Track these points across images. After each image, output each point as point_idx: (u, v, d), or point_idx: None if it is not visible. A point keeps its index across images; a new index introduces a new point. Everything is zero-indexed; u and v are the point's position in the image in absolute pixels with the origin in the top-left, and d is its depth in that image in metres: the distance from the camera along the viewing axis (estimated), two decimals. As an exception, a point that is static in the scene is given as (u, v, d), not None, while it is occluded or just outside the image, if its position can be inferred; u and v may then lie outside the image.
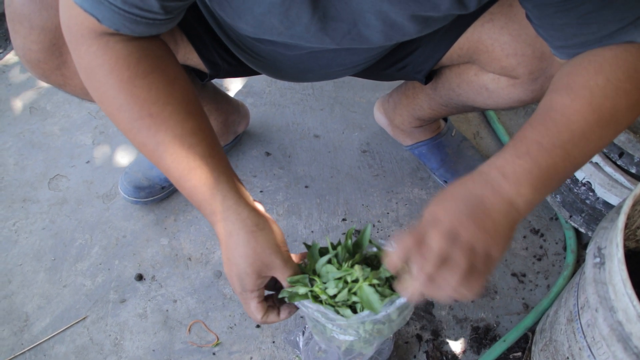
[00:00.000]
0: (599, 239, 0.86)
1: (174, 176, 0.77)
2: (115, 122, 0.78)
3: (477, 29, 1.01)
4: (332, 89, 1.74)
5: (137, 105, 0.74)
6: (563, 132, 0.69)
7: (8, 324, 1.28)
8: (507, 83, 1.06)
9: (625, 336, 0.76)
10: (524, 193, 0.69)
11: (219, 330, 1.26)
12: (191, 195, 0.78)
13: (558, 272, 1.34)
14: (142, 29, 0.74)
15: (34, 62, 0.97)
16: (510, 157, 0.70)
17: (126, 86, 0.74)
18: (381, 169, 1.54)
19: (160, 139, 0.75)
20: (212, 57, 1.12)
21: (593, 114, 0.69)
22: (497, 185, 0.69)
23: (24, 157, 1.59)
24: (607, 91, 0.70)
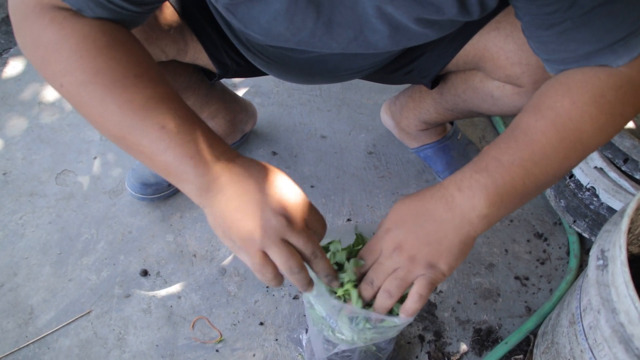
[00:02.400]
0: (603, 242, 0.87)
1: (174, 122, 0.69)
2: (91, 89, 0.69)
3: (483, 37, 1.02)
4: (340, 90, 1.75)
5: (120, 67, 0.69)
6: (524, 151, 0.71)
7: (13, 316, 1.29)
8: (512, 91, 1.07)
9: (627, 338, 0.76)
10: (477, 207, 0.71)
11: (222, 327, 1.26)
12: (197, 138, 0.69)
13: (561, 276, 1.35)
14: (105, 14, 0.71)
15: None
16: (468, 172, 0.73)
17: (105, 50, 0.69)
18: (387, 170, 1.55)
19: (150, 94, 0.69)
20: (221, 58, 1.13)
21: (556, 135, 0.71)
22: (450, 200, 0.73)
23: (32, 152, 1.60)
24: (572, 113, 0.71)
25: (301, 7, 0.74)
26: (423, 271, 0.74)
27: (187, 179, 0.69)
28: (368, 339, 0.85)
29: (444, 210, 0.73)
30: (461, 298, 1.30)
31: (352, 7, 0.75)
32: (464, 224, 0.72)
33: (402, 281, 0.75)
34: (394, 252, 0.75)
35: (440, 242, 0.73)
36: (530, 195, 0.74)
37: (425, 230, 0.74)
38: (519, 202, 0.74)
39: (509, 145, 0.72)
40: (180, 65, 1.16)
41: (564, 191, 1.39)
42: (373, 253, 0.78)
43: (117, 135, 0.70)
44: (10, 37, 1.95)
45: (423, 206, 0.75)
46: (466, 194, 0.72)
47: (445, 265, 0.74)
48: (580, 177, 1.32)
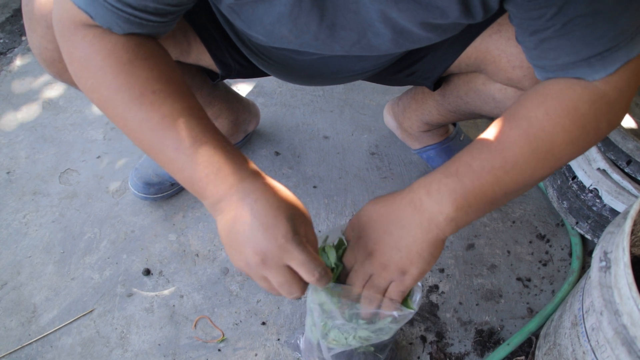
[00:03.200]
0: (605, 244, 0.87)
1: (185, 143, 0.70)
2: (112, 106, 0.73)
3: (485, 39, 1.03)
4: (342, 91, 1.76)
5: (139, 84, 0.71)
6: (495, 158, 0.72)
7: (16, 314, 1.29)
8: (514, 94, 1.08)
9: (629, 340, 0.76)
10: (445, 211, 0.72)
11: (224, 326, 1.27)
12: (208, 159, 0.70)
13: (563, 277, 1.35)
14: (135, 29, 0.73)
15: (50, 60, 0.99)
16: (438, 176, 0.73)
17: (126, 67, 0.71)
18: (389, 171, 1.55)
19: (166, 112, 0.71)
20: (224, 58, 1.13)
21: (529, 145, 0.72)
22: (419, 204, 0.74)
23: (35, 151, 1.61)
24: (545, 124, 0.72)
25: (305, 10, 0.74)
26: (395, 278, 0.77)
27: (201, 196, 0.73)
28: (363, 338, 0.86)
29: (412, 214, 0.74)
30: (463, 299, 1.30)
31: (355, 11, 0.75)
32: (432, 227, 0.73)
33: (378, 288, 0.79)
34: (366, 260, 0.78)
35: (409, 248, 0.75)
36: (499, 202, 0.75)
37: (394, 237, 0.75)
38: (488, 208, 0.75)
39: (481, 151, 0.73)
40: (184, 66, 1.16)
41: (567, 192, 1.39)
42: (349, 260, 0.81)
43: (144, 150, 0.75)
44: (14, 36, 1.95)
45: (392, 212, 0.76)
46: (434, 197, 0.73)
47: (416, 270, 0.76)
48: (583, 179, 1.32)
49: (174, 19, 0.78)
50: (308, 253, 0.70)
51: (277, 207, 0.69)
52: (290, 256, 0.69)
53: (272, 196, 0.70)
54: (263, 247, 0.68)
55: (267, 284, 0.73)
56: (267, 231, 0.68)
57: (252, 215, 0.68)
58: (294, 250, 0.69)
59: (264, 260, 0.68)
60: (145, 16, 0.72)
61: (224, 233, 0.71)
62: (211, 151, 0.71)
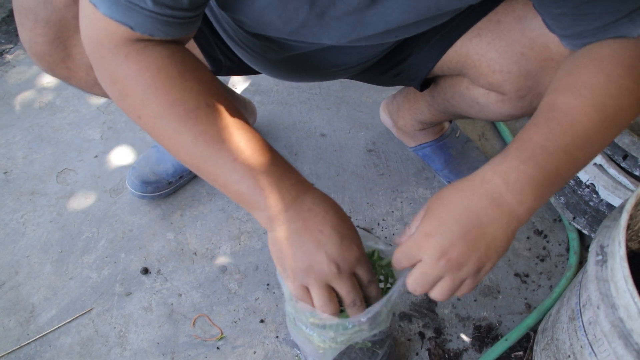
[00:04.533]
0: (602, 237, 0.87)
1: (245, 154, 0.70)
2: (162, 122, 0.72)
3: (465, 44, 1.02)
4: (339, 89, 1.76)
5: (193, 97, 0.71)
6: (568, 134, 0.68)
7: (14, 314, 1.29)
8: (496, 99, 1.07)
9: (626, 333, 0.77)
10: (525, 201, 0.68)
11: (223, 324, 1.27)
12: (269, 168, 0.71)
13: (561, 273, 1.35)
14: (175, 31, 0.73)
15: (40, 54, 0.98)
16: (514, 162, 0.68)
17: (177, 82, 0.71)
18: (387, 168, 1.55)
19: (222, 125, 0.70)
20: (214, 53, 1.13)
21: (598, 114, 0.68)
22: (497, 196, 0.68)
23: (32, 151, 1.61)
24: (610, 89, 0.69)
25: None
26: (470, 277, 0.72)
27: (258, 208, 0.72)
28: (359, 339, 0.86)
29: (491, 209, 0.68)
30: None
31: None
32: (512, 221, 0.69)
33: (450, 291, 0.72)
34: (439, 261, 0.69)
35: (489, 246, 0.70)
36: (569, 179, 0.72)
37: (472, 235, 0.69)
38: (558, 188, 0.72)
39: (551, 128, 0.68)
40: None
41: (564, 188, 1.39)
42: (411, 260, 0.72)
43: (193, 164, 0.73)
44: (10, 36, 1.95)
45: (467, 207, 0.69)
46: (514, 188, 0.67)
47: (491, 264, 0.72)
48: (579, 174, 1.32)
49: (202, 12, 0.78)
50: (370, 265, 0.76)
51: (346, 218, 0.74)
52: (361, 267, 0.74)
53: (338, 208, 0.75)
54: (341, 255, 0.71)
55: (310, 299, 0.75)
56: (345, 241, 0.72)
57: (327, 225, 0.71)
58: (364, 262, 0.74)
59: (339, 268, 0.71)
60: (182, 14, 0.71)
61: (286, 242, 0.72)
62: (271, 162, 0.72)
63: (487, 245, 0.69)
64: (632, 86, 0.69)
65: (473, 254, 0.69)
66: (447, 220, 0.69)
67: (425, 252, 0.70)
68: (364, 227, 1.41)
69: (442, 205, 0.71)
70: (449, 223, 0.69)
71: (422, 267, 0.71)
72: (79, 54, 0.98)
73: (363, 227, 1.41)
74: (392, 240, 0.81)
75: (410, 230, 0.75)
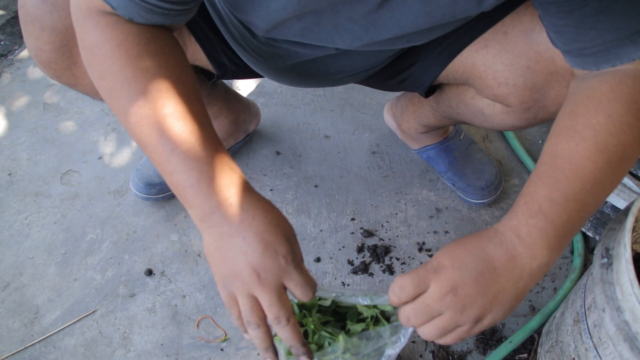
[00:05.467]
0: (607, 240, 0.87)
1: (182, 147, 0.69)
2: (116, 97, 0.72)
3: (472, 54, 1.02)
4: (343, 91, 1.76)
5: (145, 80, 0.70)
6: (574, 182, 0.67)
7: (19, 315, 1.30)
8: (502, 110, 1.07)
9: (631, 336, 0.76)
10: (538, 256, 0.66)
11: (227, 326, 1.27)
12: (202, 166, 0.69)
13: (565, 275, 1.35)
14: (157, 19, 0.73)
15: (46, 62, 0.99)
16: (523, 218, 0.67)
17: (135, 60, 0.70)
18: (390, 170, 1.55)
19: (168, 112, 0.69)
20: (219, 58, 1.13)
21: (601, 156, 0.67)
22: (511, 248, 0.66)
23: (36, 152, 1.61)
24: (611, 128, 0.67)
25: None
26: (467, 324, 0.68)
27: (188, 205, 0.71)
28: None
29: (505, 257, 0.66)
30: (465, 297, 1.30)
31: None
32: (524, 276, 0.67)
33: (443, 331, 0.69)
34: (446, 296, 0.66)
35: (497, 296, 0.67)
36: (582, 226, 0.70)
37: (484, 279, 0.66)
38: (574, 234, 0.70)
39: (556, 179, 0.67)
40: None
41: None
42: (416, 290, 0.68)
43: (139, 145, 0.72)
44: (15, 38, 1.96)
45: (482, 249, 0.67)
46: (526, 242, 0.66)
47: (489, 321, 0.69)
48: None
49: (196, 6, 0.77)
50: (305, 274, 0.69)
51: (276, 225, 0.69)
52: (288, 276, 0.68)
53: (269, 214, 0.69)
54: (262, 264, 0.66)
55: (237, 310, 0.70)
56: (268, 249, 0.67)
57: (251, 231, 0.67)
58: (293, 271, 0.68)
59: (260, 277, 0.67)
60: (167, 6, 0.71)
61: (213, 247, 0.70)
62: (207, 159, 0.69)
63: (494, 295, 0.67)
64: (633, 122, 0.68)
65: (480, 298, 0.66)
66: (463, 258, 0.67)
67: (435, 283, 0.66)
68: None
69: (458, 247, 0.69)
70: (465, 260, 0.66)
71: (426, 299, 0.67)
72: None
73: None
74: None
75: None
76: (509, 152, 1.60)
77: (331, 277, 1.34)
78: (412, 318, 0.68)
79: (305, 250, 1.39)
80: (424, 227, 1.43)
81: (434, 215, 1.46)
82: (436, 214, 1.46)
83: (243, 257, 0.67)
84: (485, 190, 1.44)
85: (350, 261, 1.37)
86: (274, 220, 0.69)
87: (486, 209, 1.47)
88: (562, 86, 0.93)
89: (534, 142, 1.63)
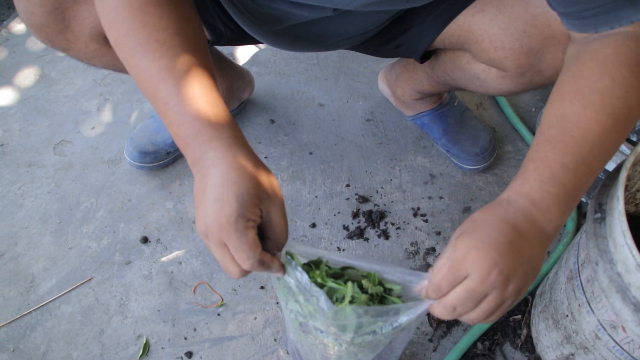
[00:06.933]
0: (600, 196, 0.88)
1: (174, 100, 0.70)
2: (119, 49, 0.74)
3: (468, 18, 1.02)
4: (337, 59, 1.75)
5: (146, 31, 0.71)
6: (584, 146, 0.67)
7: (14, 284, 1.30)
8: (497, 74, 1.07)
9: (623, 287, 0.77)
10: (553, 219, 0.66)
11: (223, 291, 1.27)
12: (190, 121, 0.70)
13: (558, 239, 1.36)
14: None
15: (38, 25, 0.97)
16: (536, 184, 0.66)
17: (136, 12, 0.71)
18: (385, 137, 1.55)
19: (164, 64, 0.70)
20: (214, 23, 1.12)
21: (608, 119, 0.67)
22: (528, 214, 0.66)
23: (29, 123, 1.60)
24: (616, 91, 0.67)
25: None
26: (511, 298, 0.65)
27: (183, 154, 0.73)
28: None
29: (526, 224, 0.65)
30: (459, 261, 1.31)
31: None
32: (544, 240, 0.67)
33: (490, 313, 0.66)
34: (490, 275, 0.62)
35: (530, 262, 0.65)
36: (588, 187, 0.69)
37: (517, 247, 0.64)
38: (582, 197, 0.70)
39: (567, 143, 0.67)
40: None
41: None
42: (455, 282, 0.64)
43: (143, 94, 0.74)
44: (2, 8, 1.93)
45: (504, 220, 0.65)
46: (541, 207, 0.66)
47: (525, 288, 0.67)
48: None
49: None
50: (244, 240, 0.66)
51: (234, 183, 0.67)
52: (227, 237, 0.66)
53: (233, 170, 0.68)
54: (208, 220, 0.66)
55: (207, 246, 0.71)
56: (215, 205, 0.66)
57: (209, 187, 0.67)
58: (232, 234, 0.66)
59: (205, 233, 0.67)
60: None
61: (194, 195, 0.71)
62: (195, 113, 0.70)
63: (528, 260, 0.65)
64: (637, 84, 0.68)
65: (520, 267, 0.64)
66: (491, 234, 0.64)
67: (474, 266, 0.62)
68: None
69: (478, 225, 0.66)
70: (494, 235, 0.64)
71: (469, 285, 0.63)
72: (78, 25, 0.97)
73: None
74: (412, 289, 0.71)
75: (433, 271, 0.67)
76: (502, 119, 1.60)
77: (327, 243, 1.34)
78: (459, 307, 0.65)
79: (301, 216, 1.39)
80: (418, 193, 1.44)
81: (428, 181, 1.46)
82: (430, 180, 1.47)
83: (202, 210, 0.67)
84: (480, 156, 1.44)
85: (345, 226, 1.37)
86: (233, 178, 0.67)
87: (480, 174, 1.48)
88: (558, 50, 0.93)
89: (527, 110, 1.63)
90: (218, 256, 0.69)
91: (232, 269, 0.69)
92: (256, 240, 0.67)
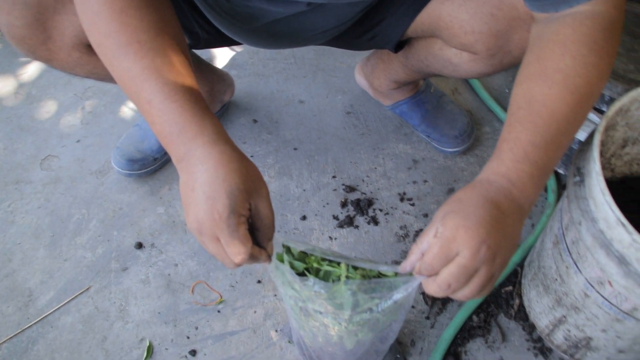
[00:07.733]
0: (577, 161, 0.92)
1: (157, 99, 0.72)
2: (102, 52, 0.75)
3: (438, 6, 1.06)
4: (314, 57, 1.78)
5: (127, 33, 0.73)
6: (551, 125, 0.71)
7: (12, 300, 1.30)
8: (469, 58, 1.12)
9: (607, 242, 0.82)
10: (529, 195, 0.70)
11: (221, 288, 1.29)
12: (174, 118, 0.72)
13: (541, 211, 1.40)
14: None
15: (19, 38, 0.98)
16: (512, 164, 0.70)
17: (118, 15, 0.73)
18: (366, 128, 1.59)
19: (146, 64, 0.72)
20: (191, 26, 1.14)
21: (572, 96, 0.71)
22: (507, 193, 0.69)
23: (13, 141, 1.61)
24: (578, 69, 0.71)
25: None
26: (498, 271, 0.69)
27: (168, 152, 0.75)
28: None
29: (506, 201, 0.69)
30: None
31: None
32: (522, 215, 0.71)
33: (485, 285, 0.69)
34: (479, 251, 0.65)
35: (512, 237, 0.69)
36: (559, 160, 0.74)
37: (501, 224, 0.67)
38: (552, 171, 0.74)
39: (536, 123, 0.71)
40: None
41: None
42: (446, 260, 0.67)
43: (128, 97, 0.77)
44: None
45: (486, 199, 0.68)
46: (518, 185, 0.69)
47: (507, 262, 0.70)
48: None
49: None
50: (236, 236, 0.69)
51: (223, 180, 0.69)
52: (220, 232, 0.69)
53: (221, 167, 0.70)
54: (200, 217, 0.69)
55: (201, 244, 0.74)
56: (207, 203, 0.68)
57: (198, 184, 0.69)
58: (224, 229, 0.68)
59: (199, 229, 0.70)
60: None
61: (181, 192, 0.73)
62: (179, 110, 0.72)
63: (510, 235, 0.69)
64: (596, 61, 0.72)
65: (504, 242, 0.68)
66: (476, 212, 0.67)
67: (464, 244, 0.65)
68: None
69: (463, 203, 0.69)
70: (479, 213, 0.67)
71: (460, 261, 0.65)
72: (59, 35, 0.98)
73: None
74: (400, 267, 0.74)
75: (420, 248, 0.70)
76: (477, 102, 1.65)
77: (318, 233, 1.37)
78: (453, 284, 0.67)
79: (291, 209, 1.42)
80: (403, 179, 1.48)
81: (411, 166, 1.50)
82: (414, 165, 1.51)
83: (193, 208, 0.70)
84: (459, 138, 1.48)
85: (335, 216, 1.40)
86: (222, 175, 0.69)
87: (461, 156, 1.52)
88: (524, 30, 0.98)
89: (501, 92, 1.68)
90: (213, 251, 0.71)
91: (227, 262, 0.72)
92: (247, 236, 0.70)
